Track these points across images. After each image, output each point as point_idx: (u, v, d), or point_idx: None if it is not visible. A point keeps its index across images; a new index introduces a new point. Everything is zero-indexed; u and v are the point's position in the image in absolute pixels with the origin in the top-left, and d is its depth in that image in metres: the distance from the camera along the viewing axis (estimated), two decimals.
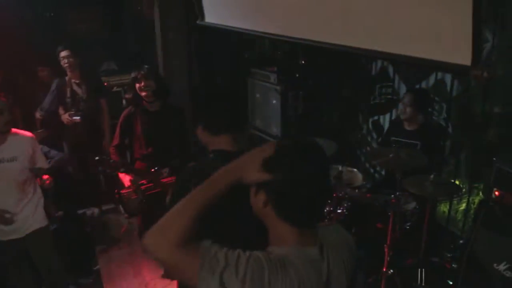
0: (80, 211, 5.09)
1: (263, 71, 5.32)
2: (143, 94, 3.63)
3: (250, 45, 5.99)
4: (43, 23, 5.82)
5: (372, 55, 3.59)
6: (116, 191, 3.63)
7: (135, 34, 6.35)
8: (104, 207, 5.31)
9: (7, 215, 3.17)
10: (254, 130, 5.62)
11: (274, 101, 5.19)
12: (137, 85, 3.64)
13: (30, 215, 3.34)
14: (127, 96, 3.75)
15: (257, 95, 5.51)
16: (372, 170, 5.39)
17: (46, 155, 4.24)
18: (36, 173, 3.35)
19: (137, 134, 3.81)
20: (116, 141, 3.88)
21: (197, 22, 4.60)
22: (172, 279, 2.80)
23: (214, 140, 2.23)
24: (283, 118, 5.14)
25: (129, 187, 3.52)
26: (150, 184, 3.38)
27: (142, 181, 3.49)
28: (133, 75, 3.68)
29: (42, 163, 3.43)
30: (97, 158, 3.27)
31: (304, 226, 1.43)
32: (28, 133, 3.37)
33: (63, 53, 4.69)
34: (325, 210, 3.54)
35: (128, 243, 4.61)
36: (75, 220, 4.79)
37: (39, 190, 3.43)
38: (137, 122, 3.80)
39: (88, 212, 5.24)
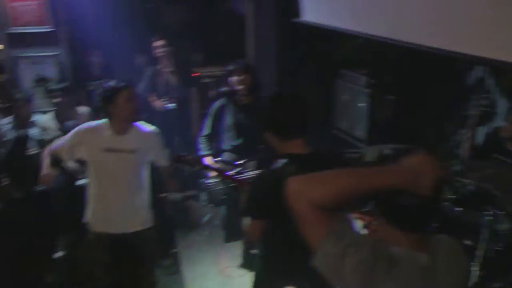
0: (162, 195, 5.27)
1: (352, 73, 5.24)
2: (239, 87, 3.72)
3: (340, 46, 5.91)
4: (143, 13, 6.07)
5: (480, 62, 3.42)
6: (202, 180, 3.73)
7: (226, 29, 6.47)
8: (187, 193, 5.47)
9: None
10: (338, 132, 5.55)
11: (362, 104, 5.09)
12: (233, 78, 3.73)
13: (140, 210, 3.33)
14: (221, 89, 3.86)
15: (344, 97, 5.44)
16: (458, 184, 5.16)
17: None
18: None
19: (228, 126, 3.89)
20: (206, 131, 3.98)
21: (293, 20, 4.61)
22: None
23: (286, 145, 2.27)
24: (369, 122, 5.03)
25: (215, 177, 3.59)
26: (236, 176, 3.43)
27: (229, 173, 3.54)
28: (229, 68, 3.77)
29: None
30: (177, 155, 3.33)
31: (413, 231, 1.42)
32: (152, 128, 3.34)
33: (157, 43, 4.89)
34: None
35: (210, 231, 4.68)
36: (158, 203, 4.95)
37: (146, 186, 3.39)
38: (228, 113, 3.88)
39: (171, 196, 5.40)
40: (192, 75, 5.28)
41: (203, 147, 3.92)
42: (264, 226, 2.34)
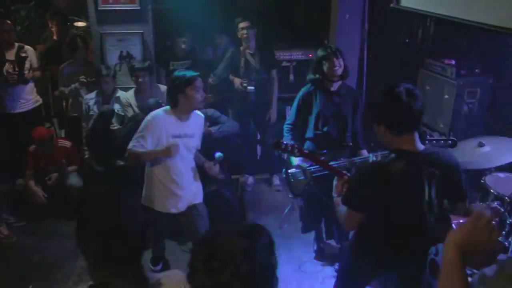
0: (233, 177, 5.28)
1: (439, 62, 4.97)
2: (331, 73, 3.61)
3: (427, 33, 5.64)
4: None
5: None
6: (284, 169, 3.69)
7: (310, 11, 6.34)
8: (258, 176, 5.47)
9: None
10: None
11: (447, 96, 4.83)
12: (326, 63, 3.61)
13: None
14: (310, 74, 3.74)
15: (427, 88, 5.18)
16: None
17: (217, 119, 4.46)
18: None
19: (315, 113, 3.78)
20: (291, 119, 3.91)
21: (392, 5, 4.46)
22: None
23: (397, 140, 2.23)
24: (454, 116, 4.77)
25: (297, 167, 3.53)
26: (319, 167, 3.34)
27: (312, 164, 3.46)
28: (320, 53, 3.66)
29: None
30: (278, 141, 3.22)
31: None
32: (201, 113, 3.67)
33: (241, 24, 4.87)
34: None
35: (288, 222, 4.60)
36: (229, 185, 4.98)
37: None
38: (315, 101, 3.77)
39: (242, 179, 5.43)
40: (274, 58, 5.20)
41: (287, 135, 3.84)
42: (361, 217, 2.34)
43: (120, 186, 1.76)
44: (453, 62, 4.85)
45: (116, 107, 4.68)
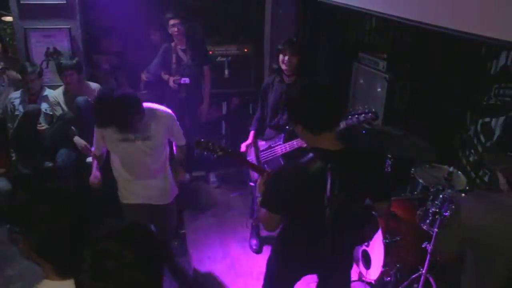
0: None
1: (371, 56, 5.09)
2: (284, 67, 3.66)
3: (358, 28, 5.75)
4: None
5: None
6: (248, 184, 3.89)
7: (243, 7, 6.31)
8: (194, 174, 5.41)
9: None
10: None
11: (379, 89, 4.96)
12: (281, 56, 3.66)
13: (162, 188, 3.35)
14: (274, 65, 3.86)
15: (361, 81, 5.30)
16: (473, 174, 5.04)
17: None
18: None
19: (271, 103, 3.93)
20: (258, 111, 4.11)
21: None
22: None
23: (315, 139, 2.15)
24: (386, 108, 4.90)
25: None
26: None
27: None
28: (279, 46, 3.73)
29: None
30: (198, 140, 3.21)
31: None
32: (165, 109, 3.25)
33: (172, 21, 4.75)
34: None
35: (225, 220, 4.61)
36: None
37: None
38: (271, 90, 3.92)
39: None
40: (206, 54, 5.14)
41: (253, 125, 4.08)
42: (281, 219, 2.28)
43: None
44: (385, 56, 4.98)
45: (44, 106, 4.48)
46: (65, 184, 1.79)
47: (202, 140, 3.11)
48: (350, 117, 3.44)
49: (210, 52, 5.29)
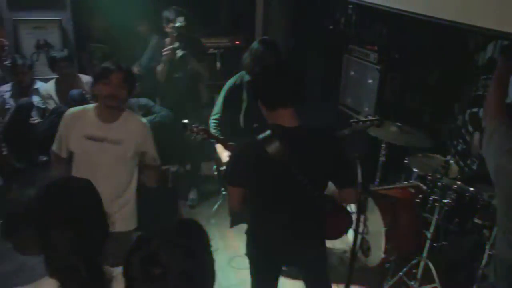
0: (164, 167, 5.17)
1: (362, 48, 5.14)
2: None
3: (350, 20, 5.80)
4: None
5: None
6: (215, 165, 3.69)
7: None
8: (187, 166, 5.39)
9: None
10: (343, 107, 5.50)
11: (371, 81, 5.02)
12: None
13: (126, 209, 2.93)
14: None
15: (352, 73, 5.36)
16: (462, 163, 5.17)
17: (150, 109, 4.33)
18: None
19: (244, 109, 3.60)
20: (216, 112, 3.67)
21: None
22: None
23: (272, 115, 2.27)
24: (378, 99, 4.97)
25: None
26: None
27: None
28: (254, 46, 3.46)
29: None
30: (183, 122, 3.22)
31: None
32: (143, 120, 2.99)
33: (177, 23, 4.51)
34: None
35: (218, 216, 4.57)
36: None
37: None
38: (244, 96, 3.59)
39: (172, 168, 5.31)
40: (202, 46, 5.08)
41: (214, 131, 3.59)
42: (243, 195, 2.36)
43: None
44: (376, 47, 5.04)
45: (36, 99, 4.41)
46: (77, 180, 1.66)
47: (187, 121, 3.13)
48: (353, 124, 3.49)
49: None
